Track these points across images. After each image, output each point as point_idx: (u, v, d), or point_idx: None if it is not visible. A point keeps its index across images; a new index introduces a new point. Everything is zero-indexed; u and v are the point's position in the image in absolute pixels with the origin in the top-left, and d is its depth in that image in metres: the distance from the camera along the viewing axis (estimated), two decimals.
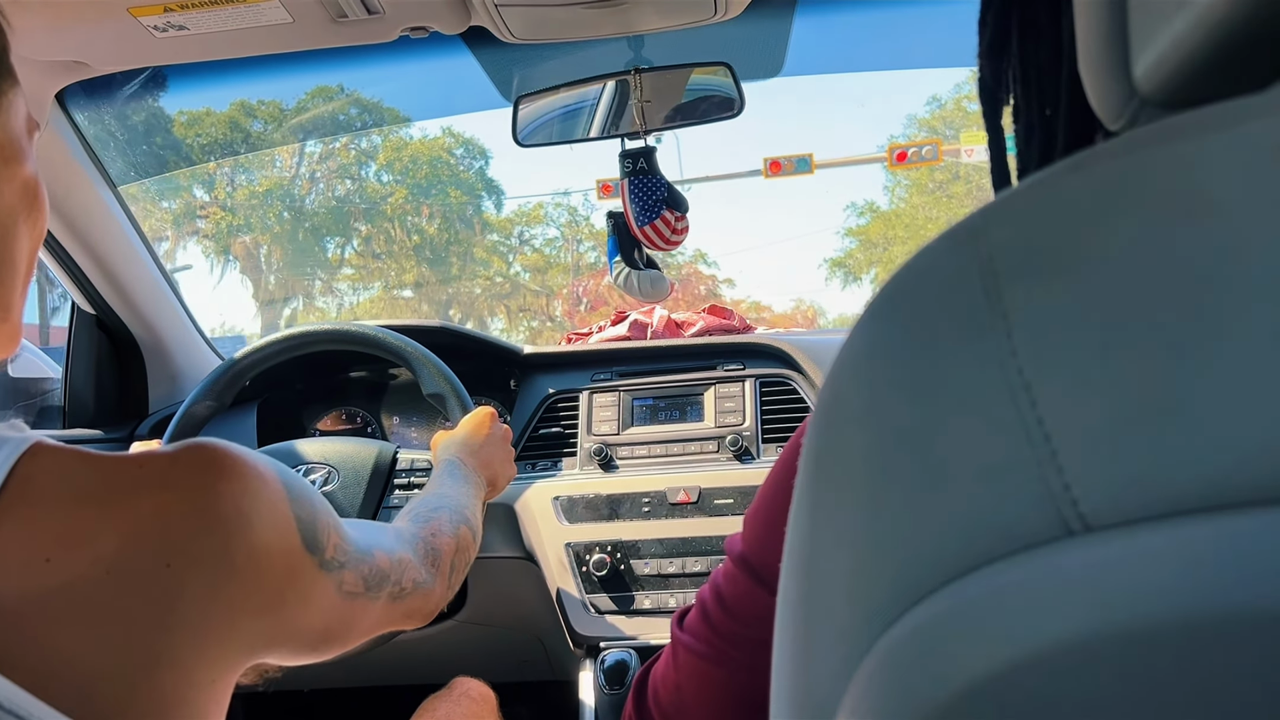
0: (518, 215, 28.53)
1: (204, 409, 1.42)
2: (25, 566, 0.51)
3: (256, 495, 0.59)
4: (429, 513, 0.99)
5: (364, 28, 1.22)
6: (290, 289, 25.05)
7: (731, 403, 1.60)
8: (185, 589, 0.54)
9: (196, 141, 18.71)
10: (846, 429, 0.33)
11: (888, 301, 0.33)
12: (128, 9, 1.15)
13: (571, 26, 1.24)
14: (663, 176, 1.37)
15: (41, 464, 0.54)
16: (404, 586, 0.81)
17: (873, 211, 27.46)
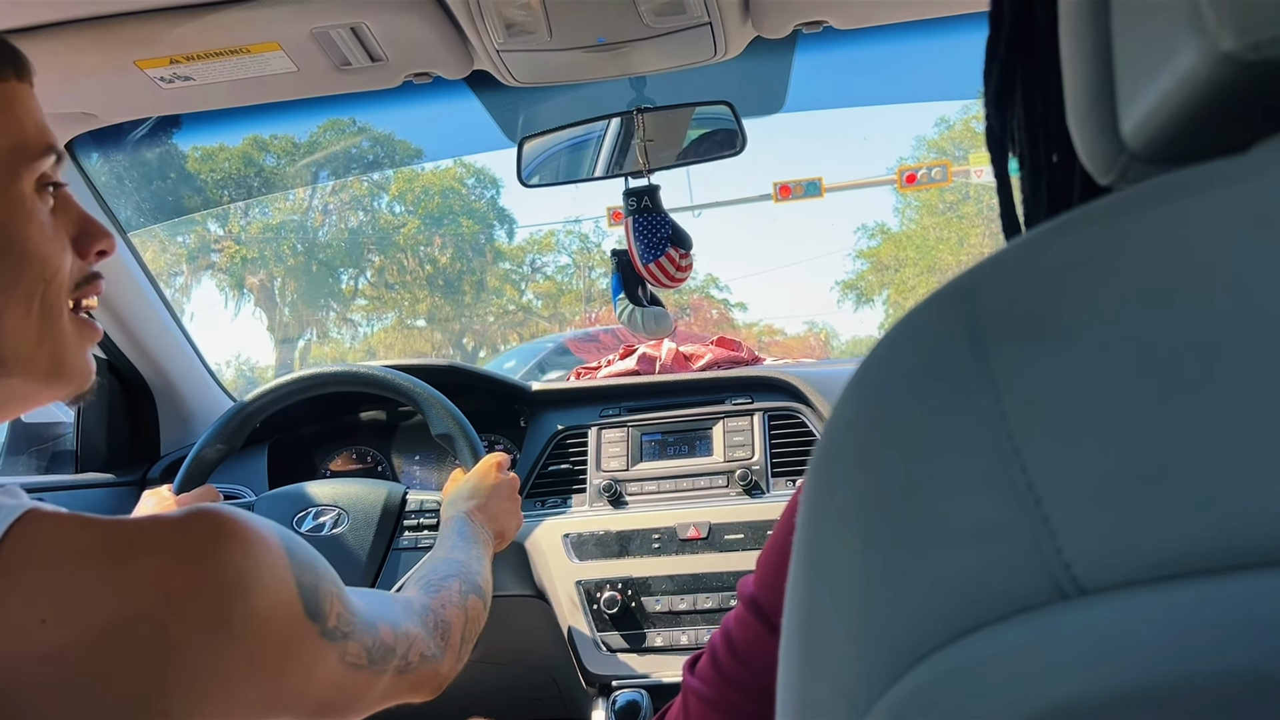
0: (529, 243, 28.66)
1: (214, 452, 1.43)
2: (20, 629, 0.50)
3: (258, 560, 0.59)
4: (440, 581, 0.99)
5: (368, 75, 1.23)
6: (304, 321, 25.19)
7: (740, 437, 1.60)
8: (183, 654, 0.53)
9: (210, 177, 18.90)
10: (840, 486, 0.33)
11: (879, 361, 0.34)
12: (134, 61, 1.17)
13: (573, 70, 1.25)
14: (667, 215, 1.37)
15: (38, 529, 0.54)
16: (410, 660, 0.80)
17: (883, 233, 27.47)
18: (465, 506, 1.22)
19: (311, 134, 20.39)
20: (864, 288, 27.58)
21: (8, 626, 0.50)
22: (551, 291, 28.57)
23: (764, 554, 0.67)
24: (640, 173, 1.38)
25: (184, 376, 1.79)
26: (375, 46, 1.17)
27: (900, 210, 27.20)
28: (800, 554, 0.36)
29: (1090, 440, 0.26)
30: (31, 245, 0.65)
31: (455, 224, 26.13)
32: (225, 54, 1.16)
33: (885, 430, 0.31)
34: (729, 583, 1.45)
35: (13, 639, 0.50)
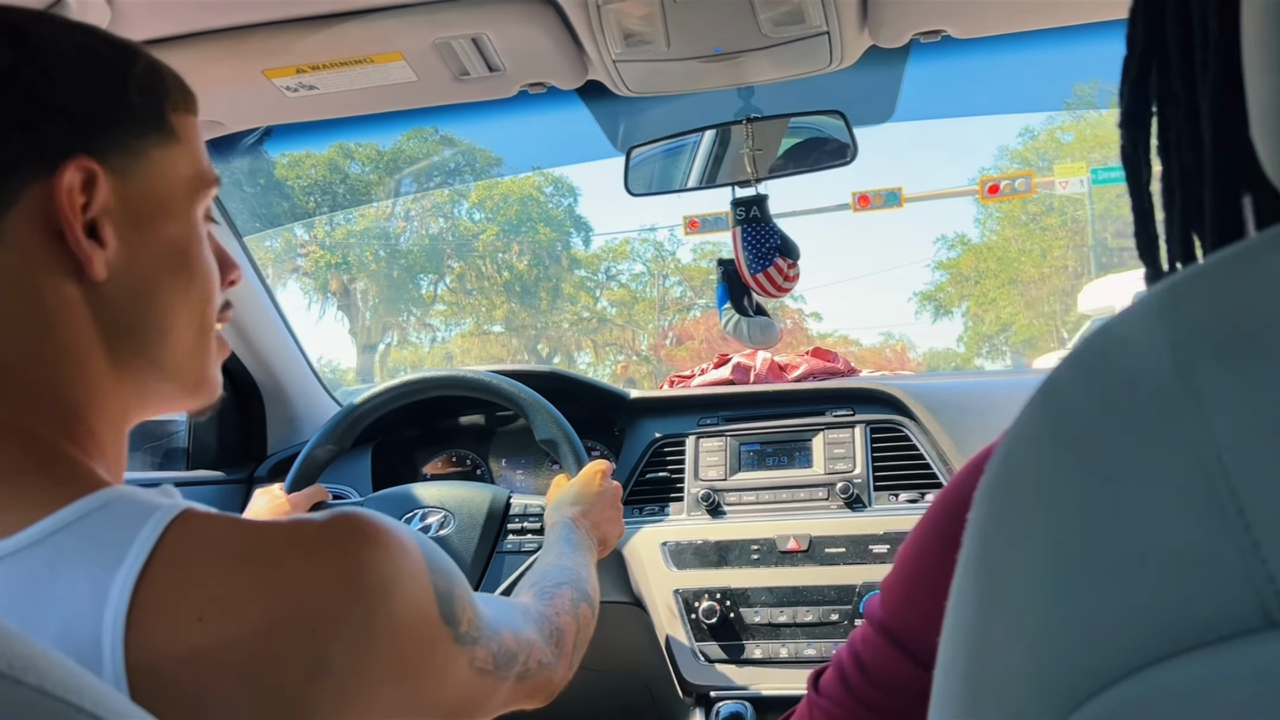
0: (605, 251, 28.84)
1: (325, 453, 1.46)
2: (177, 626, 0.52)
3: (399, 566, 0.60)
4: (553, 588, 1.00)
5: (485, 84, 1.25)
6: (385, 325, 25.68)
7: (841, 449, 1.59)
8: (329, 655, 0.54)
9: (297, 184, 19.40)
10: (1024, 509, 0.32)
11: (1070, 378, 0.33)
12: (263, 71, 1.20)
13: (687, 80, 1.26)
14: (775, 224, 1.37)
15: (193, 528, 0.55)
16: (529, 667, 0.81)
17: (963, 244, 27.02)
18: (570, 512, 1.23)
19: (395, 142, 20.80)
20: (943, 299, 27.16)
21: (167, 623, 0.52)
22: (626, 299, 28.69)
23: (894, 579, 0.66)
24: (748, 182, 1.38)
25: (292, 379, 1.83)
26: (494, 57, 1.19)
27: (981, 221, 26.73)
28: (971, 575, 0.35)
29: None
30: (203, 267, 0.68)
31: (533, 231, 26.42)
32: (349, 64, 1.19)
33: (1077, 451, 0.31)
34: (830, 596, 1.44)
35: (172, 635, 0.51)
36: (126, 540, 0.53)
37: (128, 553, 0.53)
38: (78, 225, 0.59)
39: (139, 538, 0.53)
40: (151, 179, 0.64)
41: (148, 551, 0.53)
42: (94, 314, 0.62)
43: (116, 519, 0.54)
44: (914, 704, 0.63)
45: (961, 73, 1.51)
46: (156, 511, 0.55)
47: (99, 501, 0.55)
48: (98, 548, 0.53)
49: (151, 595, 0.52)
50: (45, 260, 0.59)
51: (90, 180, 0.59)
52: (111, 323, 0.63)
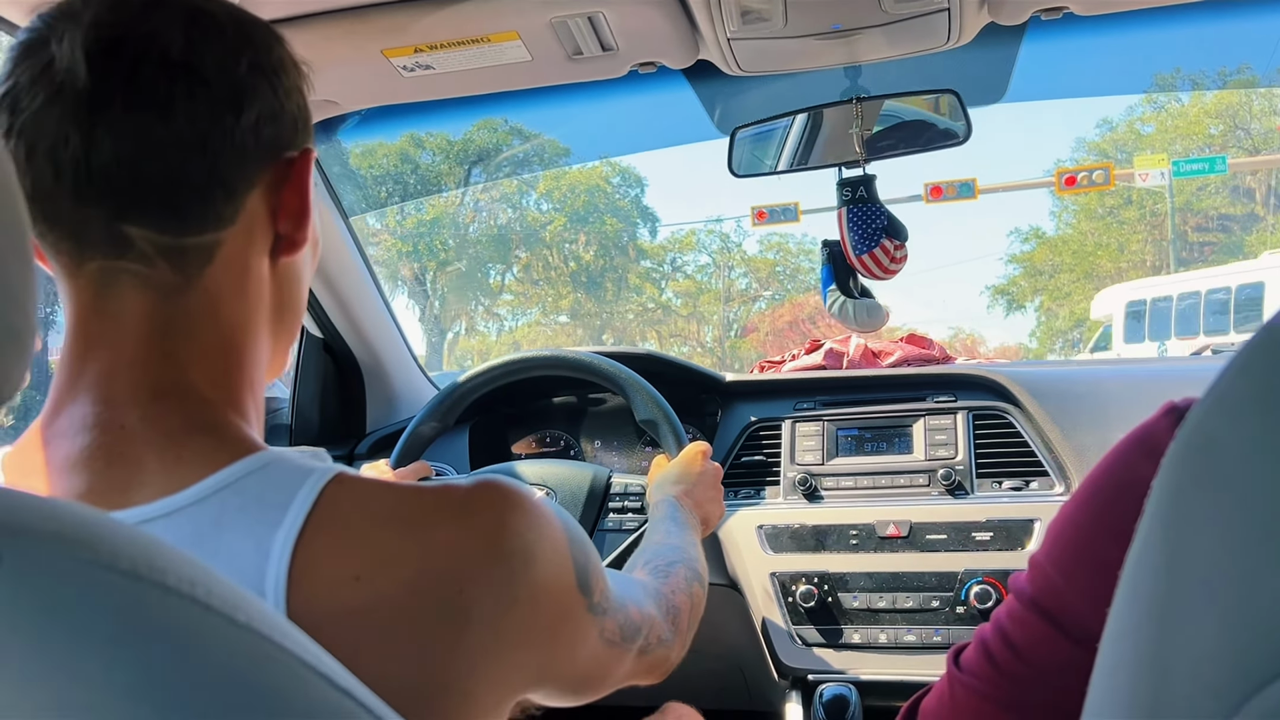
0: (671, 242, 28.84)
1: (429, 429, 1.48)
2: (336, 583, 0.53)
3: (542, 533, 0.61)
4: (666, 566, 1.01)
5: (597, 64, 1.26)
6: (454, 314, 26.00)
7: (943, 435, 1.57)
8: (474, 615, 0.56)
9: (370, 174, 19.69)
10: (1223, 476, 0.31)
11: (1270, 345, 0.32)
12: (381, 50, 1.22)
13: (800, 58, 1.25)
14: (882, 205, 1.35)
15: (347, 491, 0.57)
16: (650, 642, 0.82)
17: (1038, 237, 26.49)
18: (674, 491, 1.23)
19: (465, 133, 21.01)
20: (1016, 293, 26.67)
21: (329, 579, 0.53)
22: (691, 290, 28.66)
23: (1046, 556, 0.65)
24: (856, 162, 1.36)
25: (391, 358, 1.87)
26: (609, 36, 1.19)
27: (1057, 214, 26.20)
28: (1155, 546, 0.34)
29: None
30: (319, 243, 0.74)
31: (600, 222, 26.52)
32: (466, 43, 1.20)
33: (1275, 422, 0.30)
34: (930, 583, 1.42)
35: (331, 593, 0.53)
36: (286, 500, 0.55)
37: (287, 512, 0.54)
38: (309, 207, 0.65)
39: (298, 498, 0.55)
40: (306, 170, 0.67)
41: (306, 511, 0.54)
42: (271, 291, 0.66)
43: (276, 480, 0.56)
44: (1064, 678, 0.62)
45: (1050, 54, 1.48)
46: (313, 474, 0.57)
47: (259, 463, 0.57)
48: (260, 506, 0.55)
49: (310, 554, 0.53)
50: (262, 238, 0.64)
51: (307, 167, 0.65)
52: (279, 299, 0.68)
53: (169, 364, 0.60)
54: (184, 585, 0.36)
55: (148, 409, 0.58)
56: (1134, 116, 24.43)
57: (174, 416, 0.58)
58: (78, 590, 0.32)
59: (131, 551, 0.35)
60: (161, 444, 0.57)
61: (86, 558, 0.34)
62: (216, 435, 0.59)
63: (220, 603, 0.37)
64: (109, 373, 0.59)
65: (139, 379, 0.59)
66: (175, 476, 0.56)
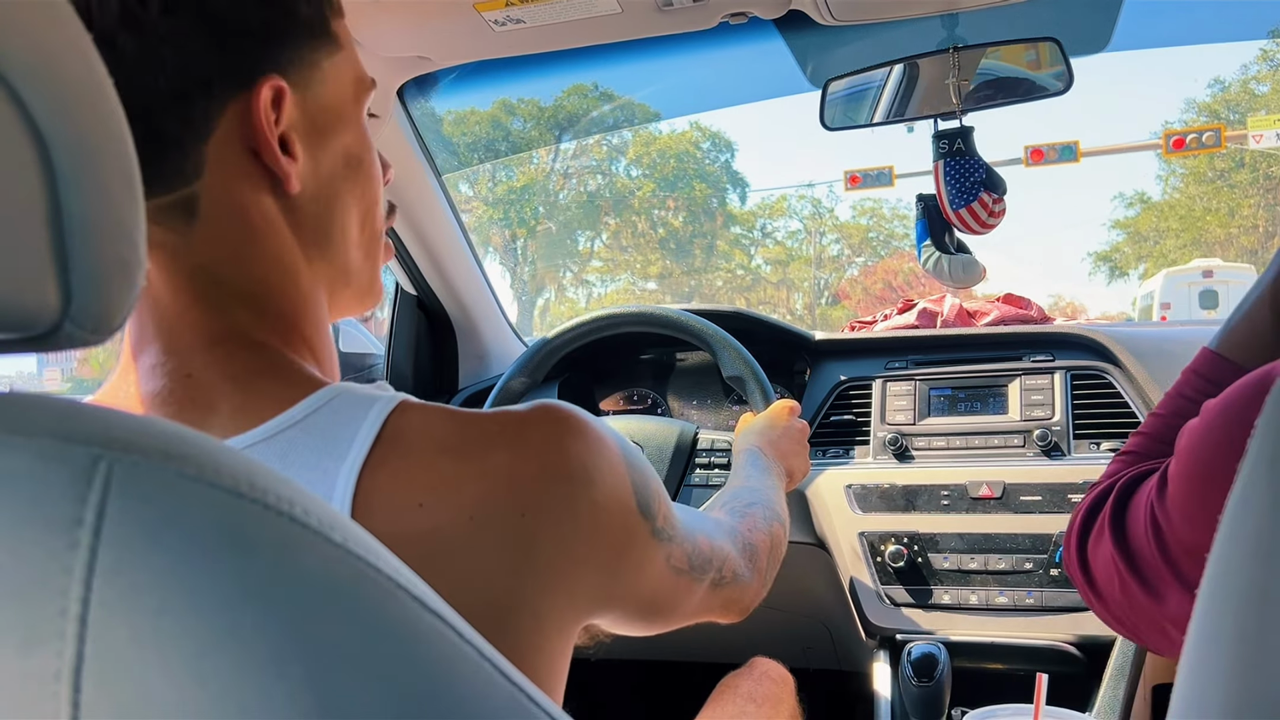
0: (760, 208, 28.55)
1: (520, 384, 1.50)
2: (400, 511, 0.54)
3: (599, 454, 0.61)
4: (744, 507, 1.00)
5: (687, 15, 1.25)
6: (543, 280, 26.23)
7: (1039, 395, 1.53)
8: (537, 537, 0.56)
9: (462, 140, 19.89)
10: None
11: None
12: (474, 4, 1.23)
13: (895, 5, 1.22)
14: (980, 158, 1.32)
15: (410, 419, 0.57)
16: (724, 575, 0.81)
17: (1143, 202, 25.50)
18: (758, 441, 1.22)
19: (556, 99, 21.07)
20: (1119, 260, 25.78)
21: (392, 507, 0.54)
22: (781, 257, 28.37)
23: None
24: (953, 114, 1.33)
25: (483, 316, 1.89)
26: None
27: (1163, 178, 25.16)
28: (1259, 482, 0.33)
29: None
30: (374, 167, 0.71)
31: (688, 187, 26.38)
32: None
33: None
34: (1024, 545, 1.40)
35: (395, 520, 0.54)
36: (351, 433, 0.56)
37: (353, 444, 0.55)
38: (275, 142, 0.61)
39: (362, 429, 0.56)
40: (326, 89, 0.65)
41: (370, 441, 0.55)
42: (292, 226, 0.65)
43: (340, 413, 0.57)
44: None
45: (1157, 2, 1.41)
46: (377, 403, 0.57)
47: (324, 398, 0.58)
48: (324, 440, 0.56)
49: (374, 482, 0.54)
50: (248, 178, 0.62)
51: (279, 98, 0.61)
52: (307, 232, 0.66)
53: (214, 312, 0.61)
54: (283, 504, 0.37)
55: (208, 355, 0.59)
56: (1248, 75, 23.25)
57: (235, 361, 0.60)
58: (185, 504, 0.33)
59: (234, 469, 0.36)
60: (229, 388, 0.59)
61: (192, 473, 0.35)
62: (281, 377, 0.60)
63: (317, 522, 0.38)
64: (168, 324, 0.60)
65: (192, 327, 0.60)
66: (244, 417, 0.57)
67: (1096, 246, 28.68)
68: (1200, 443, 0.59)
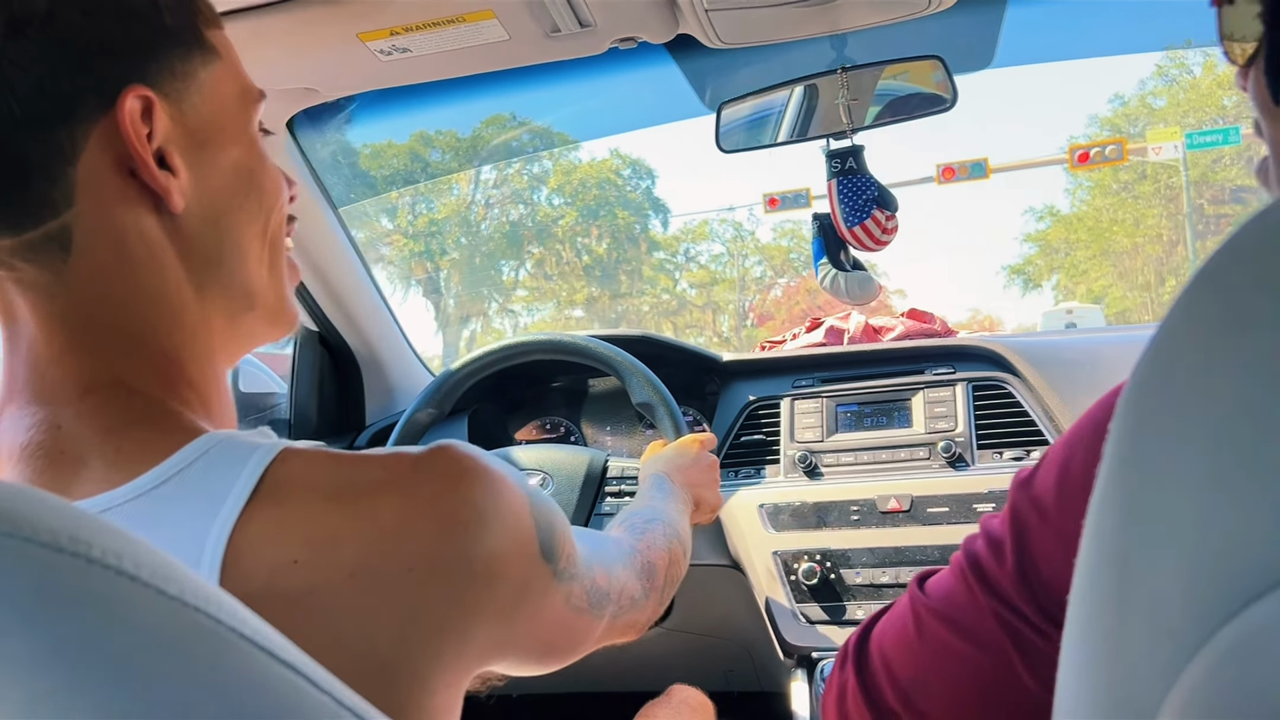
0: (684, 233, 28.80)
1: (426, 416, 1.48)
2: (275, 568, 0.51)
3: (498, 499, 0.57)
4: (643, 524, 0.98)
5: (576, 41, 1.25)
6: (468, 311, 26.06)
7: (943, 408, 1.55)
8: (426, 594, 0.53)
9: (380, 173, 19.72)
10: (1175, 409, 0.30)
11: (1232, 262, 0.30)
12: (358, 34, 1.21)
13: (780, 28, 1.23)
14: (871, 175, 1.34)
15: (290, 468, 0.54)
16: (622, 605, 0.79)
17: (1053, 215, 26.35)
18: (664, 467, 1.22)
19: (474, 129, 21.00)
20: (1032, 272, 26.55)
21: (267, 563, 0.51)
22: (705, 280, 28.63)
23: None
24: (843, 133, 1.34)
25: (388, 349, 1.86)
26: (585, 11, 1.18)
27: (1071, 191, 26.05)
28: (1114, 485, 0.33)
29: None
30: (268, 179, 0.67)
31: (611, 215, 26.51)
32: (442, 24, 1.19)
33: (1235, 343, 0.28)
34: (933, 556, 1.41)
35: (271, 576, 0.51)
36: (226, 486, 0.53)
37: (227, 498, 0.52)
38: (148, 155, 0.58)
39: (238, 481, 0.53)
40: (205, 100, 0.62)
41: (247, 494, 0.52)
42: (177, 250, 0.61)
43: (216, 464, 0.54)
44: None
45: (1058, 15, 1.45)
46: (256, 452, 0.54)
47: (201, 448, 0.55)
48: (198, 494, 0.53)
49: (248, 538, 0.51)
50: (125, 201, 0.58)
51: (148, 109, 0.58)
52: (194, 255, 0.62)
53: (89, 358, 0.57)
54: (109, 557, 0.35)
55: (80, 406, 0.56)
56: (1145, 90, 24.24)
57: (108, 411, 0.56)
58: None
59: (53, 523, 0.35)
60: (100, 441, 0.55)
61: (5, 529, 0.33)
62: (157, 427, 0.56)
63: (150, 575, 0.36)
64: (39, 371, 0.57)
65: (65, 375, 0.57)
66: (117, 472, 0.54)
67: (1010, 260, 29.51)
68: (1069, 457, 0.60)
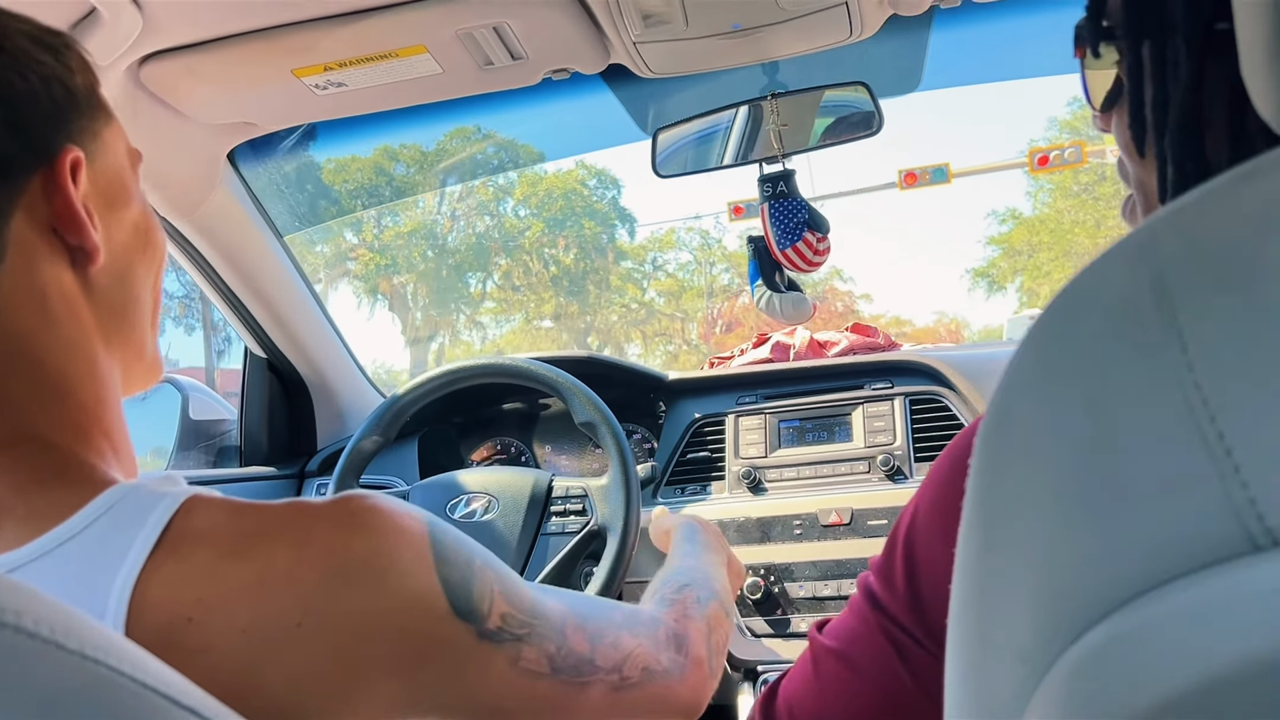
0: (651, 242, 28.82)
1: (370, 444, 1.49)
2: (172, 625, 0.51)
3: (393, 553, 0.56)
4: (674, 593, 0.91)
5: (509, 73, 1.27)
6: (436, 325, 25.95)
7: (881, 422, 1.58)
8: (314, 651, 0.52)
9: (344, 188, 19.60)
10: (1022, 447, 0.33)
11: (1058, 319, 0.33)
12: (292, 70, 1.23)
13: (708, 58, 1.26)
14: (803, 199, 1.37)
15: (194, 519, 0.54)
16: (628, 676, 0.72)
17: (1015, 218, 26.59)
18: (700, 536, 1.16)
19: (439, 142, 20.92)
20: (996, 275, 26.79)
21: (165, 620, 0.51)
22: (673, 288, 28.66)
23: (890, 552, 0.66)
24: (775, 158, 1.38)
25: (338, 374, 1.87)
26: (517, 45, 1.20)
27: (1032, 194, 26.29)
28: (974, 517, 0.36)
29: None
30: (157, 235, 0.70)
31: (578, 225, 26.50)
32: (375, 59, 1.21)
33: (1068, 386, 0.31)
34: None
35: (166, 636, 0.51)
36: (129, 540, 0.52)
37: (129, 552, 0.52)
38: (83, 214, 0.59)
39: (141, 534, 0.53)
40: (109, 160, 0.64)
41: (149, 547, 0.52)
42: (90, 304, 0.62)
43: (122, 517, 0.54)
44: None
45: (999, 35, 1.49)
46: (161, 503, 0.54)
47: (109, 501, 0.55)
48: (103, 549, 0.53)
49: (149, 593, 0.51)
50: (49, 257, 0.59)
51: (75, 168, 0.60)
52: (103, 310, 0.64)
53: (6, 413, 0.57)
54: (8, 615, 0.36)
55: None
56: None
57: (21, 467, 0.56)
58: None
59: None
60: (12, 498, 0.55)
61: None
62: (69, 481, 0.56)
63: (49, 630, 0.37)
64: None
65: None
66: (29, 528, 0.53)
67: (974, 263, 29.78)
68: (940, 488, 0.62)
